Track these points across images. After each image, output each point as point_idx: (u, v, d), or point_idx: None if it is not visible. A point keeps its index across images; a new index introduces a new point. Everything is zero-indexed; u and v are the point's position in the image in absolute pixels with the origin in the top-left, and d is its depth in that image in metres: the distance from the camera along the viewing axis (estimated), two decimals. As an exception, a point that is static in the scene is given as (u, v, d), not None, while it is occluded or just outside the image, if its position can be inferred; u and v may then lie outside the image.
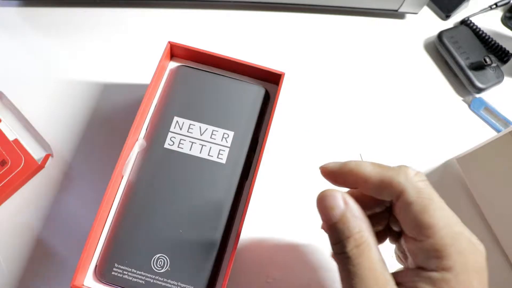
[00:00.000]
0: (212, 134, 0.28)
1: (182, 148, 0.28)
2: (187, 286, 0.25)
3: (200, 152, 0.28)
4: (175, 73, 0.30)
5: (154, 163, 0.27)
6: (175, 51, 0.31)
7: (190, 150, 0.28)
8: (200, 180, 0.27)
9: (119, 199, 0.27)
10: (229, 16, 0.42)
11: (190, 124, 0.28)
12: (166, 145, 0.28)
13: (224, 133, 0.29)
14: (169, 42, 0.30)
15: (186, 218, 0.26)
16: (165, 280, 0.25)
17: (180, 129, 0.28)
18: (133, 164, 0.28)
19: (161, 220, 0.26)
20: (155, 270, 0.25)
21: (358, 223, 0.19)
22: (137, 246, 0.26)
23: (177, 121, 0.28)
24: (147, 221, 0.26)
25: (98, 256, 0.26)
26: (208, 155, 0.28)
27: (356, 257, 0.18)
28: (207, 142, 0.28)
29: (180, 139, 0.28)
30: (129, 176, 0.27)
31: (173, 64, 0.32)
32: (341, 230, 0.19)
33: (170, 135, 0.28)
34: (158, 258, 0.25)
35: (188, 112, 0.29)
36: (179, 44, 0.30)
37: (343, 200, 0.19)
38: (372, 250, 0.18)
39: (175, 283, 0.25)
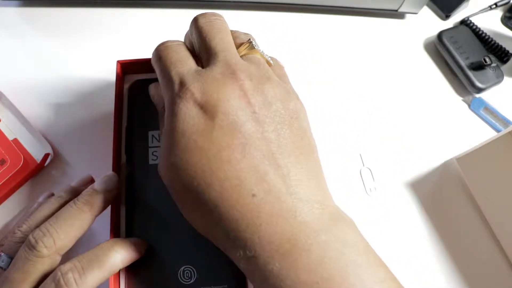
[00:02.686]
0: None
1: None
2: (220, 286, 0.25)
3: None
4: (132, 89, 0.30)
5: (147, 182, 0.27)
6: (127, 68, 0.31)
7: None
8: None
9: (124, 227, 0.26)
10: (230, 16, 0.42)
11: None
12: (150, 162, 0.27)
13: None
14: (118, 61, 0.29)
15: None
16: None
17: (158, 141, 0.28)
18: (126, 191, 0.27)
19: (174, 233, 0.26)
20: (184, 283, 0.25)
21: None
22: (159, 265, 0.25)
23: (152, 135, 0.28)
24: (162, 239, 0.25)
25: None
26: None
27: None
28: None
29: None
30: (126, 203, 0.27)
31: (129, 80, 0.31)
32: None
33: (151, 150, 0.28)
34: (184, 270, 0.25)
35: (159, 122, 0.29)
36: (127, 60, 0.30)
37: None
38: None
39: (209, 287, 0.25)
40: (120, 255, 0.22)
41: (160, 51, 0.22)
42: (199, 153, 0.18)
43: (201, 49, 0.22)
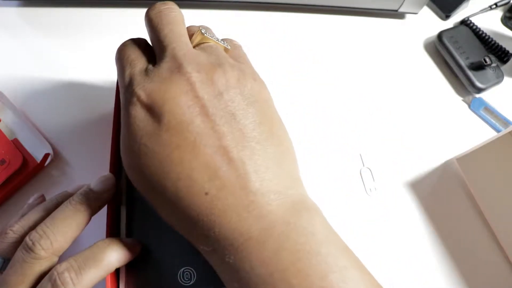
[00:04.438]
0: None
1: None
2: None
3: None
4: None
5: None
6: None
7: None
8: None
9: (125, 228, 0.26)
10: (230, 16, 0.42)
11: None
12: None
13: None
14: None
15: None
16: None
17: None
18: (126, 192, 0.27)
19: (174, 235, 0.25)
20: (183, 284, 0.25)
21: None
22: (159, 267, 0.25)
23: None
24: (161, 241, 0.25)
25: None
26: None
27: None
28: None
29: None
30: (127, 204, 0.27)
31: None
32: None
33: None
34: (184, 272, 0.25)
35: None
36: None
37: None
38: None
39: None
40: (116, 254, 0.22)
41: (119, 50, 0.22)
42: (150, 156, 0.18)
43: (153, 43, 0.22)
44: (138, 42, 0.22)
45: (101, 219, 0.25)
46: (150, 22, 0.21)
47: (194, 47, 0.22)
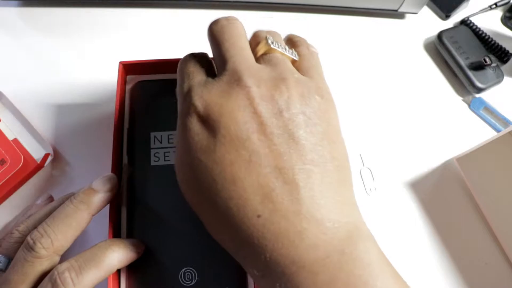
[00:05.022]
0: None
1: (169, 160, 0.27)
2: None
3: None
4: (134, 90, 0.30)
5: (148, 184, 0.27)
6: (129, 69, 0.31)
7: None
8: None
9: (126, 229, 0.26)
10: (229, 15, 0.42)
11: (168, 135, 0.28)
12: (152, 163, 0.27)
13: None
14: (120, 62, 0.29)
15: (199, 225, 0.26)
16: None
17: (160, 142, 0.28)
18: (127, 192, 0.27)
19: (175, 235, 0.26)
20: (185, 285, 0.25)
21: None
22: (160, 267, 0.25)
23: (154, 136, 0.28)
24: (162, 241, 0.25)
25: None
26: None
27: None
28: None
29: (164, 152, 0.28)
30: (128, 205, 0.27)
31: (130, 81, 0.31)
32: None
33: (153, 151, 0.28)
34: (185, 272, 0.25)
35: (162, 124, 0.28)
36: (130, 61, 0.29)
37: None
38: None
39: None
40: (117, 255, 0.22)
41: (180, 63, 0.22)
42: (203, 172, 0.18)
43: (215, 57, 0.21)
44: (199, 56, 0.22)
45: (104, 220, 0.25)
46: (212, 37, 0.21)
47: (258, 57, 0.21)
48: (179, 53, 0.32)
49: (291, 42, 0.24)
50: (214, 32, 0.21)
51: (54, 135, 0.33)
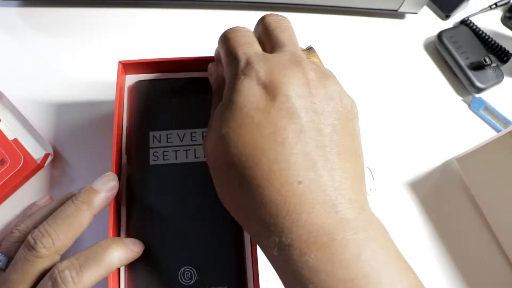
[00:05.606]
0: (191, 136, 0.28)
1: (168, 159, 0.27)
2: (221, 287, 0.25)
3: (187, 157, 0.28)
4: (134, 90, 0.30)
5: (147, 183, 0.27)
6: (128, 69, 0.31)
7: (176, 158, 0.27)
8: (197, 183, 0.27)
9: (125, 228, 0.26)
10: (230, 16, 0.42)
11: (167, 134, 0.28)
12: (151, 162, 0.27)
13: (202, 132, 0.28)
14: (119, 61, 0.29)
15: (198, 224, 0.26)
16: None
17: (159, 142, 0.28)
18: (126, 191, 0.27)
19: (174, 234, 0.26)
20: (184, 284, 0.25)
21: None
22: (159, 266, 0.25)
23: (153, 136, 0.28)
24: (161, 240, 0.25)
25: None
26: (195, 157, 0.28)
27: None
28: (189, 145, 0.28)
29: (163, 152, 0.28)
30: (126, 204, 0.27)
31: (130, 81, 0.31)
32: None
33: (151, 151, 0.28)
34: (184, 271, 0.25)
35: (161, 123, 0.28)
36: (129, 61, 0.29)
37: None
38: None
39: None
40: (117, 253, 0.22)
41: (229, 33, 0.22)
42: (254, 129, 0.18)
43: (267, 40, 0.22)
44: (246, 30, 0.23)
45: (104, 219, 0.25)
46: (268, 25, 0.22)
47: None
48: (179, 53, 0.32)
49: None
50: (270, 21, 0.23)
51: (54, 135, 0.33)
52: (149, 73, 0.31)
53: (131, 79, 0.31)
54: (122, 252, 0.23)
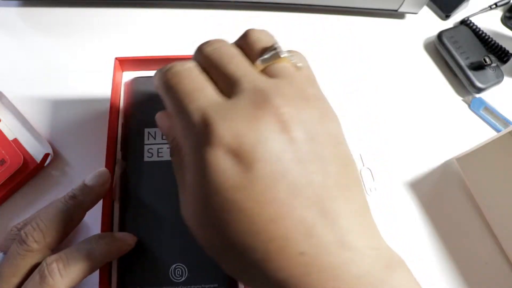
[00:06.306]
0: None
1: (162, 156, 0.28)
2: (211, 285, 0.25)
3: None
4: (131, 86, 0.30)
5: (141, 180, 0.27)
6: (125, 65, 0.31)
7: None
8: None
9: (118, 224, 0.27)
10: (229, 16, 0.42)
11: None
12: (146, 159, 0.27)
13: None
14: (116, 58, 0.30)
15: None
16: (188, 287, 0.25)
17: (154, 138, 0.28)
18: (120, 187, 0.27)
19: (167, 231, 0.26)
20: (175, 281, 0.25)
21: None
22: (151, 263, 0.25)
23: (148, 132, 0.28)
24: (154, 237, 0.26)
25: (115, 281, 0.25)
26: None
27: None
28: None
29: (158, 148, 0.28)
30: (120, 200, 0.27)
31: (126, 78, 0.31)
32: None
33: (146, 147, 0.28)
34: (175, 268, 0.25)
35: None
36: (126, 57, 0.30)
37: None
38: None
39: (199, 286, 0.25)
40: (107, 248, 0.22)
41: (168, 79, 0.18)
42: (237, 214, 0.15)
43: (217, 77, 0.18)
44: (190, 68, 0.18)
45: (97, 214, 0.25)
46: (209, 57, 0.18)
47: (265, 68, 0.18)
48: (178, 52, 0.32)
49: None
50: (210, 52, 0.18)
51: (54, 135, 0.33)
52: (146, 71, 0.31)
53: (129, 76, 0.31)
54: (111, 246, 0.23)
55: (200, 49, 0.19)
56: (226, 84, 0.18)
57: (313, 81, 0.19)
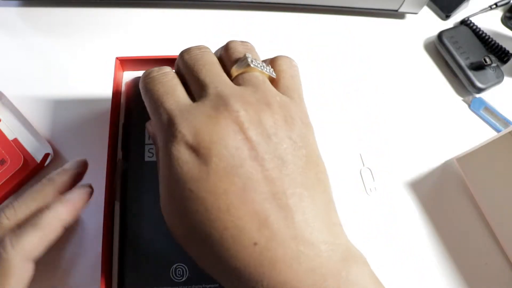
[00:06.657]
0: None
1: None
2: (212, 285, 0.25)
3: None
4: (131, 86, 0.30)
5: (142, 180, 0.27)
6: (126, 65, 0.31)
7: None
8: None
9: (118, 224, 0.27)
10: (229, 16, 0.42)
11: None
12: (146, 158, 0.27)
13: None
14: (116, 58, 0.30)
15: None
16: (189, 287, 0.25)
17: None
18: (121, 187, 0.27)
19: (167, 231, 0.26)
20: (176, 281, 0.25)
21: None
22: (152, 263, 0.25)
23: None
24: (154, 237, 0.26)
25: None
26: None
27: None
28: None
29: None
30: (120, 200, 0.27)
31: (127, 78, 0.31)
32: None
33: (147, 147, 0.28)
34: (176, 268, 0.25)
35: None
36: (126, 57, 0.30)
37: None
38: None
39: (200, 286, 0.25)
40: (56, 213, 0.23)
41: (147, 83, 0.20)
42: (195, 202, 0.17)
43: (190, 82, 0.21)
44: (164, 74, 0.21)
45: (98, 214, 0.25)
46: (186, 64, 0.21)
47: (237, 76, 0.21)
48: (178, 52, 0.32)
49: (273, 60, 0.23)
50: (187, 59, 0.21)
51: (54, 135, 0.33)
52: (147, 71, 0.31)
53: (130, 76, 0.31)
54: (61, 210, 0.23)
55: (181, 55, 0.21)
56: (196, 89, 0.20)
57: (289, 87, 0.21)
